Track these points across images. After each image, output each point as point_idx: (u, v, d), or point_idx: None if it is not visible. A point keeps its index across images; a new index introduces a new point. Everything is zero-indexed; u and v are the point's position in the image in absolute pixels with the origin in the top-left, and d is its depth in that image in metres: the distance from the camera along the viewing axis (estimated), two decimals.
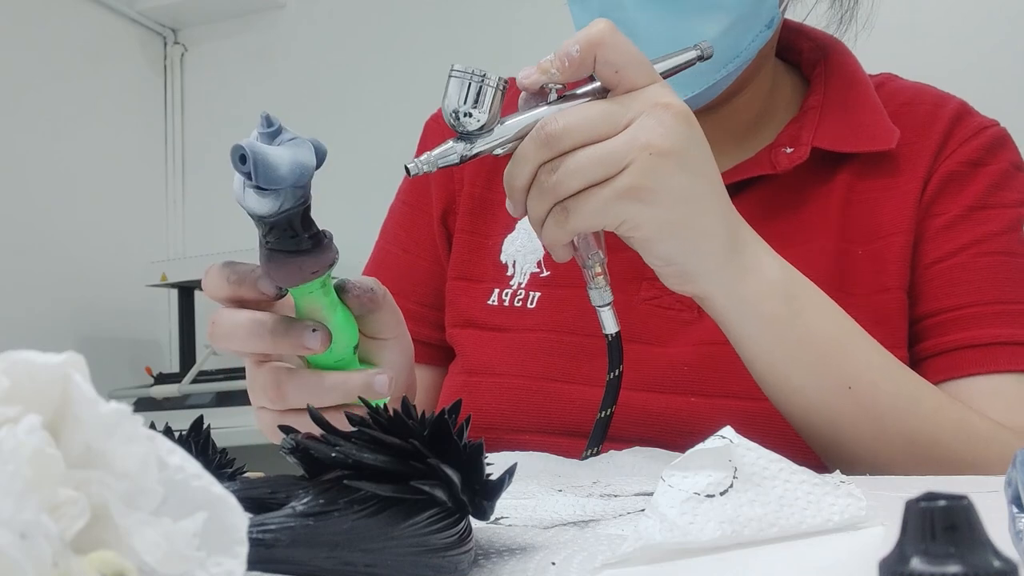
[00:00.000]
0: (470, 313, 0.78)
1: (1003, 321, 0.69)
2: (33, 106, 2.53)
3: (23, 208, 2.46)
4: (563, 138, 0.52)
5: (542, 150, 0.52)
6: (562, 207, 0.53)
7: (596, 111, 0.52)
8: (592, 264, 0.58)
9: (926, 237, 0.73)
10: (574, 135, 0.52)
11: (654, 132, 0.52)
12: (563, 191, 0.52)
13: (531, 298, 0.76)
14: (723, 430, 0.37)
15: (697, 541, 0.34)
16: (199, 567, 0.21)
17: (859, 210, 0.74)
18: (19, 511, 0.19)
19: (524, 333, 0.75)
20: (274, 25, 2.91)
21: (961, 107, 0.78)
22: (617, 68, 0.53)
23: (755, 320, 0.58)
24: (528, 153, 0.53)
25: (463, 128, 0.52)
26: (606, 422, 0.61)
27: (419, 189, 0.85)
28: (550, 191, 0.53)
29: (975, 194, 0.73)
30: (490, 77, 0.52)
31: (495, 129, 0.53)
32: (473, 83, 0.51)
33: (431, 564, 0.30)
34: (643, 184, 0.52)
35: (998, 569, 0.20)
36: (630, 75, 0.53)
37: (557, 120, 0.52)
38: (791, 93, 0.81)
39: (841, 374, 0.58)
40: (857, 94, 0.76)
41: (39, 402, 0.21)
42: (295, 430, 0.34)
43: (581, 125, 0.52)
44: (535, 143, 0.52)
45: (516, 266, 0.78)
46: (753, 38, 0.69)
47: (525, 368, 0.73)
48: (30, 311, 2.42)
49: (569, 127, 0.52)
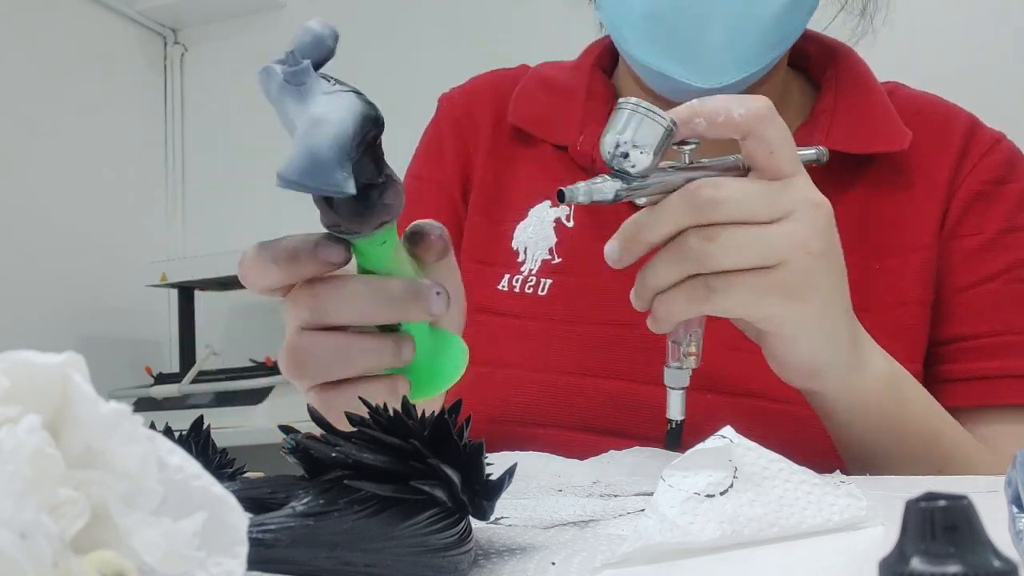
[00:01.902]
0: (481, 298, 0.77)
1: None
2: (33, 106, 2.53)
3: (23, 208, 2.46)
4: (720, 208, 0.49)
5: (692, 212, 0.49)
6: (704, 283, 0.50)
7: (757, 191, 0.50)
8: (688, 343, 0.55)
9: (956, 260, 0.73)
10: (731, 208, 0.49)
11: (811, 232, 0.50)
12: (712, 265, 0.50)
13: (542, 285, 0.75)
14: (723, 430, 0.37)
15: (697, 541, 0.34)
16: (199, 567, 0.21)
17: (877, 224, 0.74)
18: (19, 511, 0.19)
19: (535, 321, 0.74)
20: (274, 25, 2.91)
21: (971, 120, 0.78)
22: (773, 149, 0.50)
23: (865, 412, 0.59)
24: (676, 210, 0.50)
25: (620, 166, 0.48)
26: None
27: (433, 166, 0.84)
28: (695, 260, 0.50)
29: (1003, 215, 0.73)
30: (664, 118, 0.48)
31: (651, 176, 0.49)
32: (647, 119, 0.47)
33: (431, 564, 0.30)
34: (798, 283, 0.50)
35: (998, 569, 0.20)
36: (782, 159, 0.51)
37: (717, 187, 0.49)
38: (800, 98, 0.80)
39: (934, 459, 0.61)
40: (869, 97, 0.76)
41: (39, 402, 0.21)
42: (295, 430, 0.34)
43: (740, 201, 0.49)
44: (686, 202, 0.49)
45: (527, 252, 0.77)
46: (802, 21, 0.68)
47: (539, 360, 0.73)
48: (30, 311, 2.42)
49: (728, 199, 0.49)
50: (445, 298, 0.44)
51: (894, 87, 0.81)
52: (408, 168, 0.86)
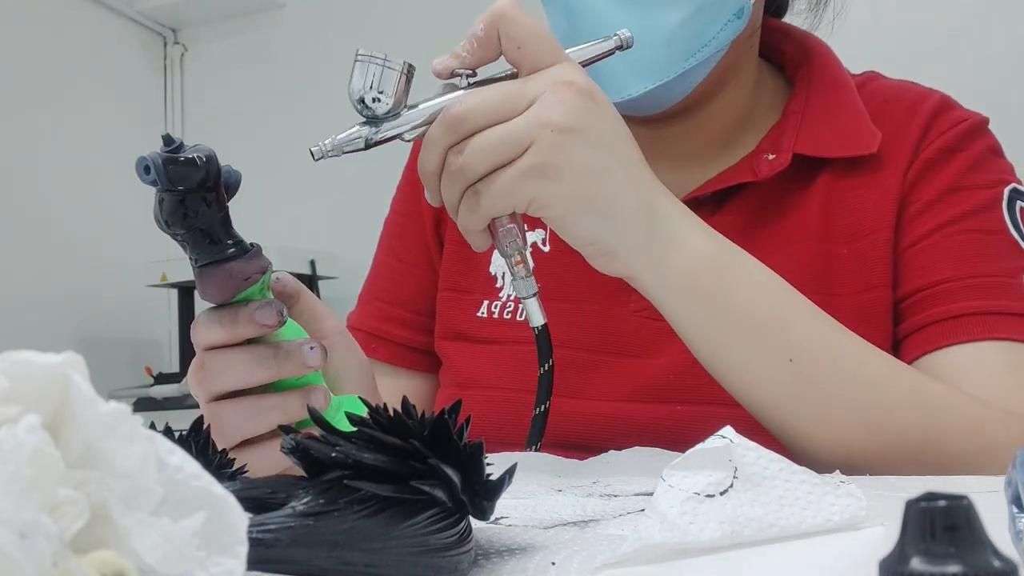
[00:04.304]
0: (459, 325, 0.78)
1: (975, 293, 0.68)
2: (33, 106, 2.53)
3: (23, 208, 2.46)
4: (466, 120, 0.52)
5: (448, 134, 0.52)
6: (473, 191, 0.53)
7: (497, 91, 0.53)
8: (511, 252, 0.56)
9: (902, 223, 0.72)
10: (477, 117, 0.52)
11: (555, 110, 0.52)
12: (471, 174, 0.52)
13: (520, 310, 0.76)
14: (723, 430, 0.37)
15: (697, 541, 0.34)
16: (199, 567, 0.21)
17: (841, 209, 0.73)
18: (19, 511, 0.19)
19: (514, 345, 0.75)
20: (274, 25, 2.91)
21: (943, 101, 0.77)
22: (520, 44, 0.53)
23: (684, 295, 0.56)
24: (436, 137, 0.53)
25: (369, 113, 0.52)
26: (542, 418, 0.60)
27: (410, 198, 0.85)
28: (458, 174, 0.53)
29: (949, 177, 0.72)
30: (394, 60, 0.51)
31: (402, 114, 0.53)
32: (377, 66, 0.51)
33: (431, 564, 0.30)
34: (546, 161, 0.52)
35: (998, 569, 0.20)
36: (532, 51, 0.53)
37: (460, 102, 0.52)
38: (773, 96, 0.80)
39: (779, 347, 0.57)
40: (839, 98, 0.76)
41: (38, 402, 0.21)
42: (295, 430, 0.34)
43: (482, 106, 0.52)
44: (441, 127, 0.52)
45: (506, 278, 0.78)
46: (721, 27, 0.67)
47: (516, 381, 0.73)
48: (30, 311, 2.42)
49: (471, 108, 0.52)
50: (320, 351, 0.50)
51: (869, 77, 0.81)
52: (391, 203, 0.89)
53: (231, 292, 0.48)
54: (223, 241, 0.47)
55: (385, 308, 0.84)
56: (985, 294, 0.68)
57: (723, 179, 0.74)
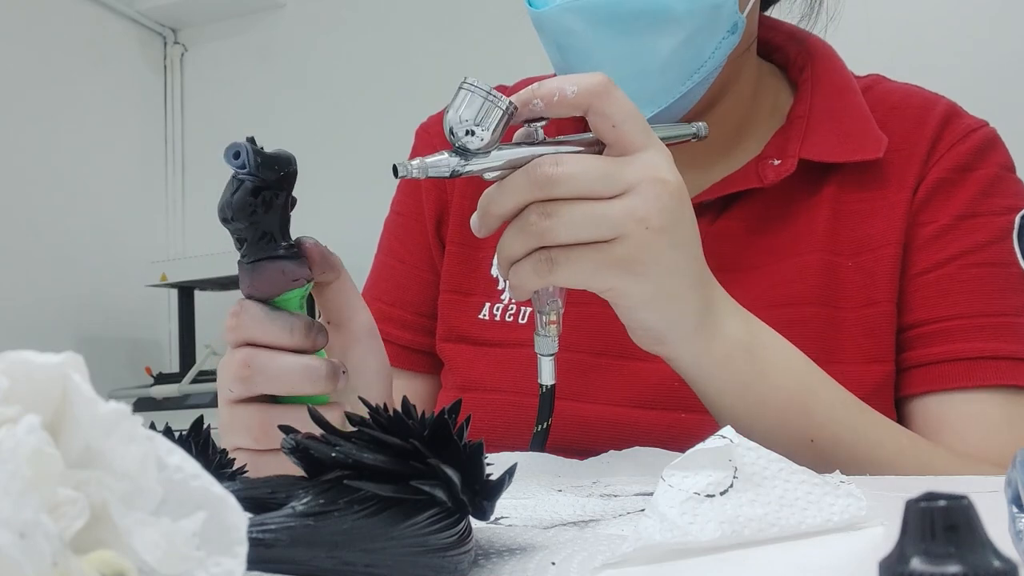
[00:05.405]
0: (461, 328, 0.78)
1: (987, 335, 0.68)
2: (33, 106, 2.53)
3: (23, 208, 2.46)
4: (560, 185, 0.51)
5: (535, 190, 0.51)
6: (547, 256, 0.52)
7: (596, 167, 0.51)
8: (548, 312, 0.56)
9: (915, 246, 0.72)
10: (570, 185, 0.51)
11: (651, 208, 0.51)
12: (551, 239, 0.52)
13: (523, 313, 0.75)
14: (723, 430, 0.37)
15: (697, 541, 0.34)
16: (199, 567, 0.21)
17: (848, 222, 0.73)
18: (19, 511, 0.19)
19: (516, 348, 0.75)
20: (274, 25, 2.91)
21: (950, 109, 0.76)
22: (615, 123, 0.52)
23: (720, 379, 0.58)
24: (520, 186, 0.52)
25: (461, 144, 0.50)
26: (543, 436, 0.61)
27: (411, 199, 0.85)
28: (536, 235, 0.52)
29: (964, 201, 0.72)
30: (499, 98, 0.50)
31: (492, 153, 0.51)
32: (484, 101, 0.50)
33: (431, 564, 0.30)
34: (636, 258, 0.52)
35: (998, 569, 0.20)
36: (627, 132, 0.52)
37: (557, 164, 0.51)
38: (776, 98, 0.80)
39: (802, 429, 0.59)
40: (844, 102, 0.75)
41: (38, 402, 0.21)
42: (295, 430, 0.34)
43: (580, 177, 0.51)
44: (529, 179, 0.51)
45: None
46: (716, 46, 0.67)
47: (518, 384, 0.73)
48: (30, 311, 2.42)
49: (569, 176, 0.51)
50: (346, 378, 0.52)
51: (874, 81, 0.80)
52: (391, 204, 0.89)
53: (279, 290, 0.49)
54: (279, 241, 0.49)
55: (386, 309, 0.84)
56: (994, 335, 0.68)
57: (728, 184, 0.73)
